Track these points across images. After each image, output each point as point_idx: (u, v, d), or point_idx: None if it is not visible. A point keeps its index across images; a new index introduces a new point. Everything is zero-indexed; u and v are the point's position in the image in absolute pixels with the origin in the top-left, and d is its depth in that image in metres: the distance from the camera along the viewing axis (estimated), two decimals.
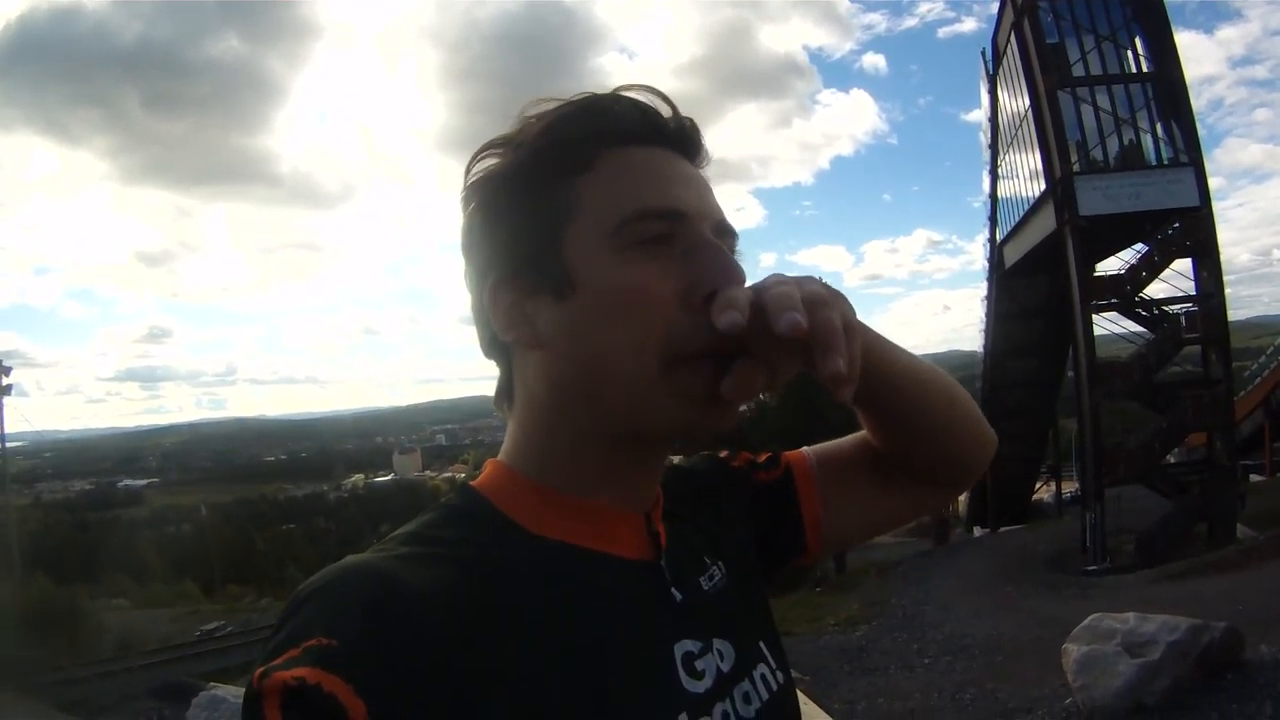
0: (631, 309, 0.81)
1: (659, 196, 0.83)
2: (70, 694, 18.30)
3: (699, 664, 0.85)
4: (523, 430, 0.89)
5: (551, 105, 0.88)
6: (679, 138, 0.89)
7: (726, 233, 0.88)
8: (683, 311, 0.81)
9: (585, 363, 0.82)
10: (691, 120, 0.91)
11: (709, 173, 0.93)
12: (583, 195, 0.84)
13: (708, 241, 0.84)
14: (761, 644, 0.96)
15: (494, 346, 0.92)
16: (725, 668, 0.88)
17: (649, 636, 0.83)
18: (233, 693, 8.64)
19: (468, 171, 0.90)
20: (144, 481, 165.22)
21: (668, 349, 0.80)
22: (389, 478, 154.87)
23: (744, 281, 0.82)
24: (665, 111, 0.89)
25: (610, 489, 0.87)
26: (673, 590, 0.89)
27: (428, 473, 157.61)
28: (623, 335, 0.81)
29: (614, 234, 0.82)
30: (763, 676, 0.93)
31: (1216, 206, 27.61)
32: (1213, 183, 27.61)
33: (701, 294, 0.81)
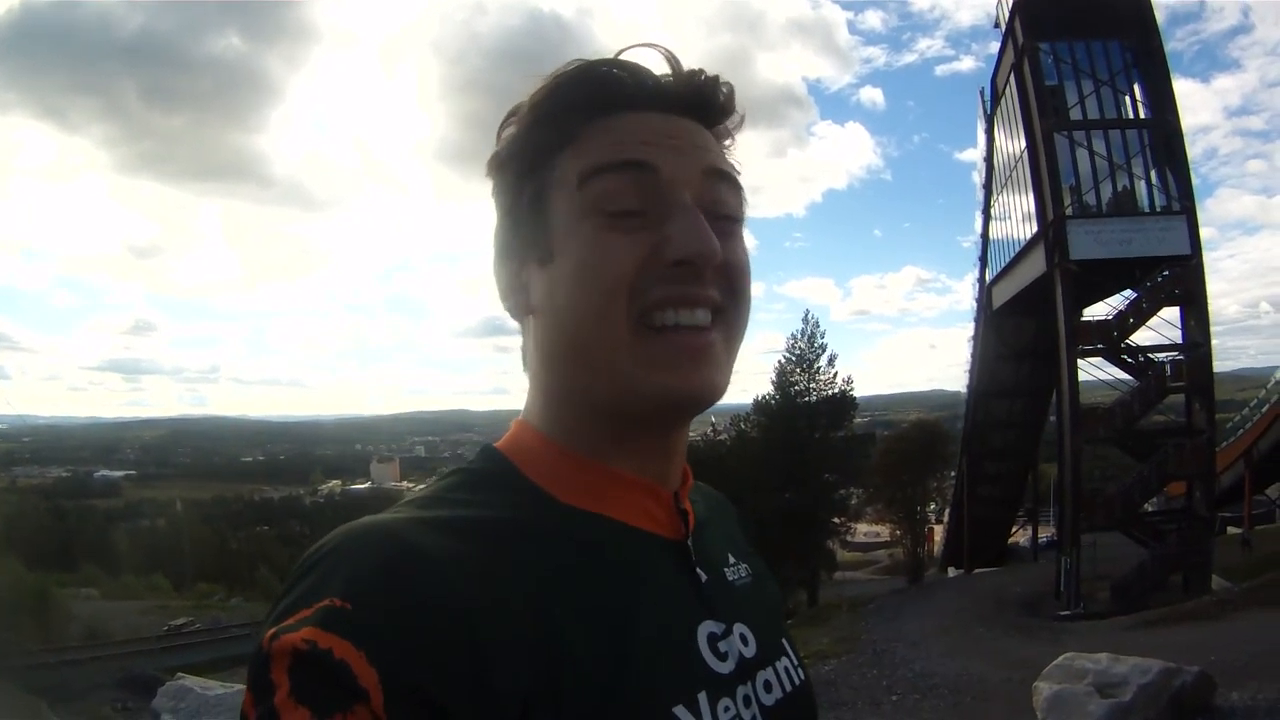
0: (595, 273, 0.80)
1: (618, 152, 0.82)
2: (37, 678, 18.21)
3: (722, 645, 0.84)
4: (533, 393, 0.90)
5: (550, 76, 0.87)
6: (677, 100, 0.87)
7: (723, 176, 0.86)
8: (647, 271, 0.80)
9: (563, 329, 0.83)
10: (704, 76, 0.89)
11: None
12: (563, 167, 0.83)
13: (682, 205, 0.82)
14: (784, 641, 0.96)
15: (510, 313, 0.92)
16: (748, 653, 0.87)
17: (674, 613, 0.82)
18: (200, 684, 8.58)
19: (497, 139, 0.90)
20: (121, 473, 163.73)
21: (635, 309, 0.80)
22: (366, 485, 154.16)
23: (716, 249, 0.81)
24: (664, 73, 0.88)
25: (629, 459, 0.86)
26: (698, 570, 0.88)
27: (405, 483, 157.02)
28: (588, 300, 0.80)
29: (579, 196, 0.82)
30: (786, 670, 0.92)
31: (1207, 256, 27.81)
32: (1204, 232, 27.86)
33: (669, 257, 0.80)
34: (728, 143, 0.92)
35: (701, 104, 0.89)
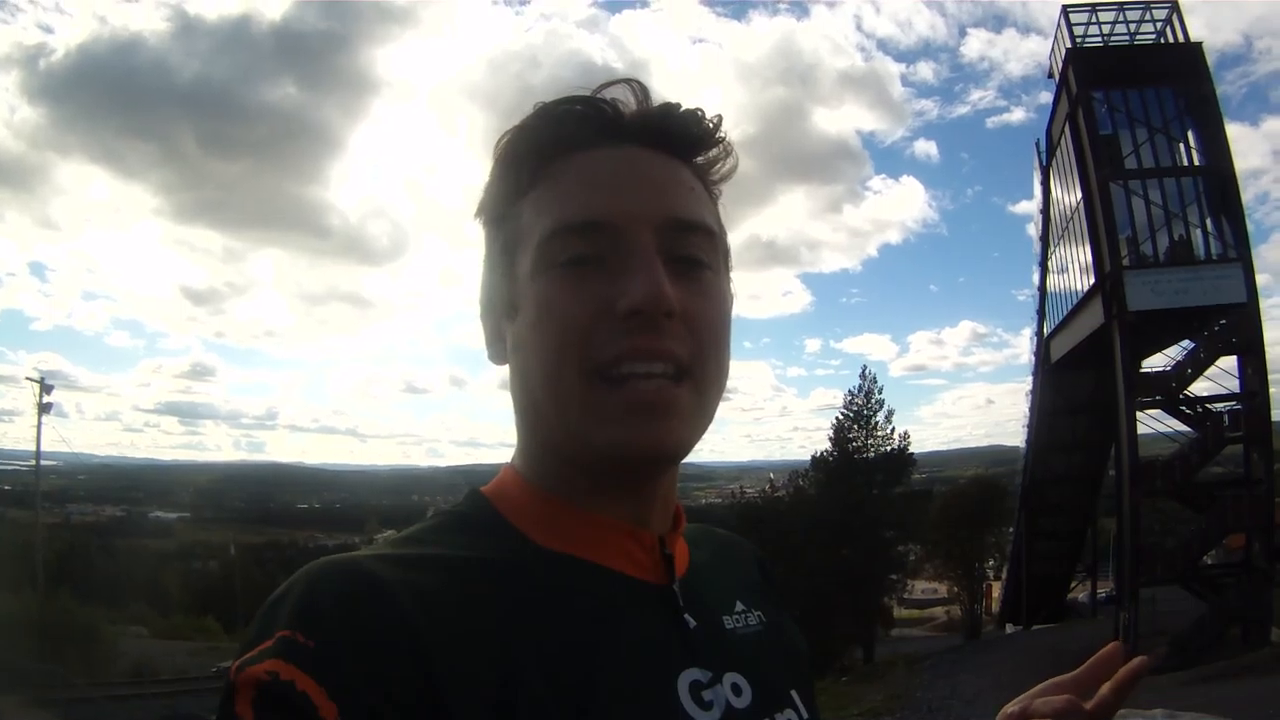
0: (547, 327, 0.80)
1: (577, 209, 0.81)
2: (79, 712, 18.35)
3: (707, 694, 0.81)
4: (518, 439, 0.90)
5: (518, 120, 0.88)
6: (639, 132, 0.86)
7: (687, 228, 0.84)
8: (600, 324, 0.79)
9: (524, 382, 0.84)
10: (678, 110, 0.88)
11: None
12: (524, 216, 0.84)
13: (639, 252, 0.80)
14: (794, 693, 0.92)
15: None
16: (740, 703, 0.83)
17: (651, 659, 0.80)
18: None
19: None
20: (175, 515, 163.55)
21: (587, 363, 0.79)
22: None
23: (666, 298, 0.78)
24: (630, 105, 0.87)
25: (610, 504, 0.85)
26: (686, 616, 0.85)
27: None
28: (542, 354, 0.80)
29: (538, 253, 0.81)
30: None
31: (1263, 304, 27.41)
32: (1259, 279, 27.45)
33: (622, 308, 0.78)
34: (714, 173, 0.91)
35: (669, 135, 0.87)
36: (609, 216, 0.80)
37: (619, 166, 0.83)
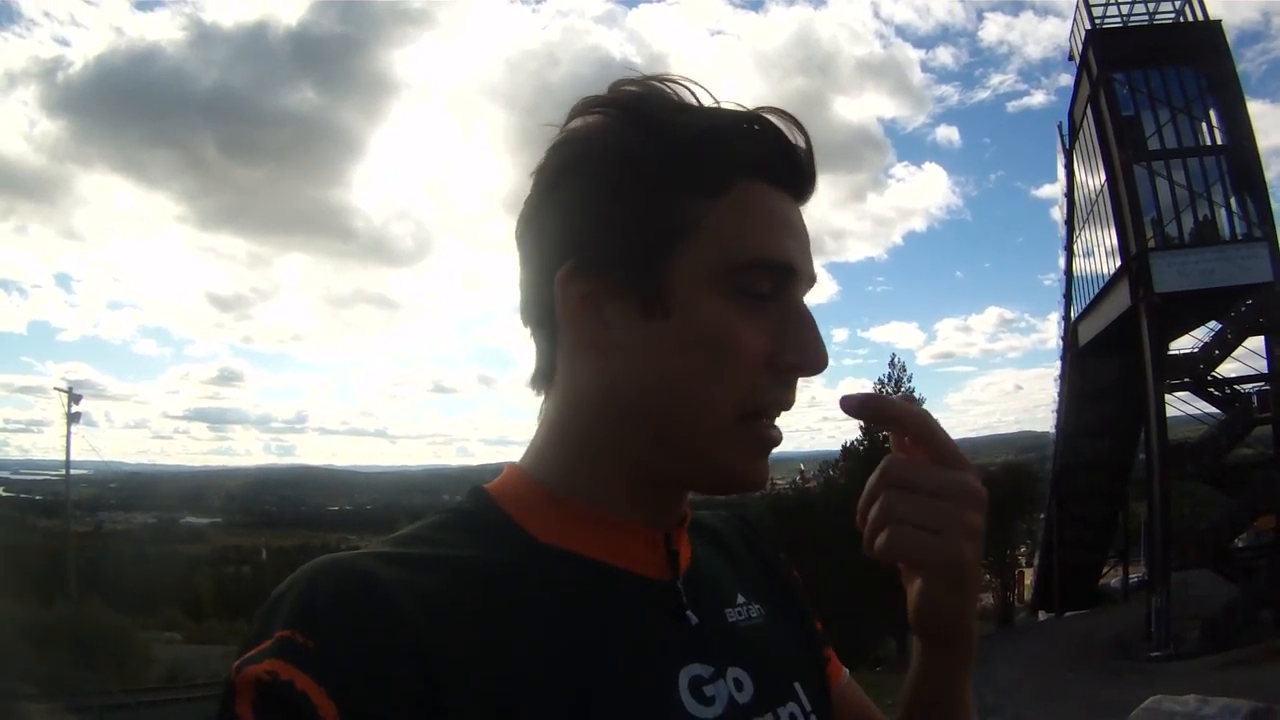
0: (725, 357, 0.79)
1: (777, 250, 0.81)
2: (115, 718, 18.48)
3: (709, 690, 0.81)
4: (555, 430, 0.87)
5: (700, 103, 0.85)
6: (805, 183, 0.86)
7: (810, 289, 0.87)
8: (767, 372, 0.81)
9: (660, 390, 0.81)
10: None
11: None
12: (707, 220, 0.80)
13: (803, 311, 0.84)
14: (797, 685, 0.92)
15: (540, 321, 0.87)
16: (742, 698, 0.83)
17: (653, 656, 0.80)
18: None
19: (571, 116, 0.86)
20: (207, 520, 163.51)
21: (746, 404, 0.81)
22: None
23: (826, 362, 0.83)
24: (802, 150, 0.86)
25: (633, 508, 0.85)
26: (688, 613, 0.85)
27: None
28: (710, 379, 0.80)
29: (724, 274, 0.80)
30: (793, 715, 0.88)
31: None
32: None
33: (788, 362, 0.82)
34: None
35: (811, 191, 0.88)
36: (797, 267, 0.83)
37: (796, 218, 0.85)
